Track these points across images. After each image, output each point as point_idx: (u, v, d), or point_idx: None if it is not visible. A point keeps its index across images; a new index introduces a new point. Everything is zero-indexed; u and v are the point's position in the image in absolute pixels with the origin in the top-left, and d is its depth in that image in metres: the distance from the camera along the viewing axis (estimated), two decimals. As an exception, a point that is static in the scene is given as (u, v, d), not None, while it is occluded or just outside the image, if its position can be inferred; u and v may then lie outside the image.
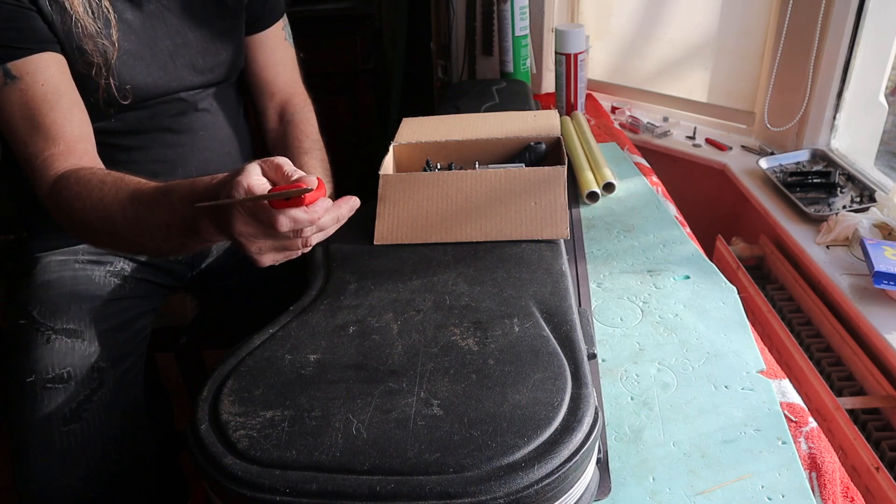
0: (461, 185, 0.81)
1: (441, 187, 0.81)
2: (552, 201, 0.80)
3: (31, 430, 0.79)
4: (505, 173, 0.83)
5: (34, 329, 0.83)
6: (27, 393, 0.79)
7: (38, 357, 0.81)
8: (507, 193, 0.81)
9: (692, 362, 0.69)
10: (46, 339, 0.82)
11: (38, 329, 0.83)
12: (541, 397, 0.53)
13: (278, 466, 0.48)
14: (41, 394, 0.79)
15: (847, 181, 1.27)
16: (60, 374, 0.80)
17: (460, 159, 0.94)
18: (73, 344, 0.83)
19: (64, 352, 0.82)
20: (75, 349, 0.83)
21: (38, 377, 0.80)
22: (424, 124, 1.01)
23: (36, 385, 0.79)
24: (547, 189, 0.81)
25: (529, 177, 0.83)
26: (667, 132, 1.56)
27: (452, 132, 0.96)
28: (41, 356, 0.81)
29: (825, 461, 0.58)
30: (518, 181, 0.82)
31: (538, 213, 0.79)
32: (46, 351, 0.81)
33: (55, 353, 0.81)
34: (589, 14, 1.67)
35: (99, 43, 0.80)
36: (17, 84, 0.75)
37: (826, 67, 1.28)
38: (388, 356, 0.59)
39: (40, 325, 0.83)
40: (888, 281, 0.95)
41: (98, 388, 0.82)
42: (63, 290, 0.87)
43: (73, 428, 0.79)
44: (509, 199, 0.80)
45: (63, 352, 0.82)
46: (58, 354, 0.81)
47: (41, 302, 0.85)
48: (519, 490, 0.46)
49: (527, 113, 1.03)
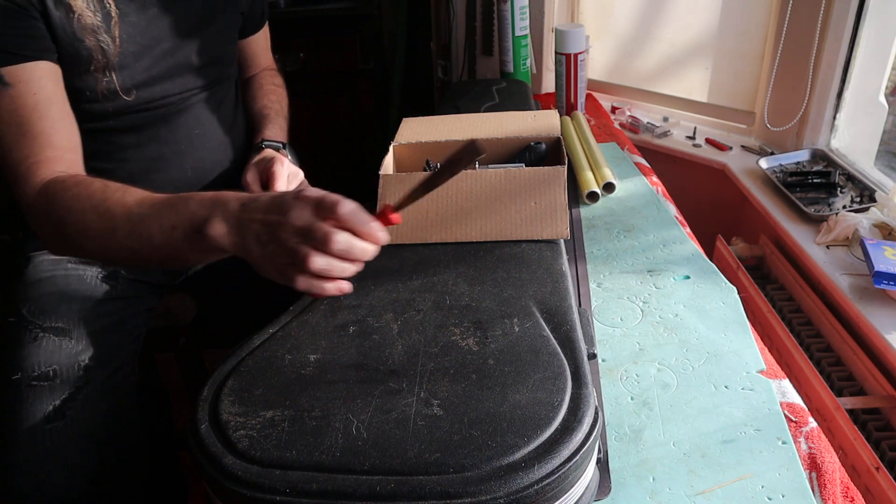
0: (461, 185, 0.81)
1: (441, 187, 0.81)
2: (552, 201, 0.79)
3: (16, 426, 0.78)
4: (505, 173, 0.83)
5: (23, 327, 0.83)
6: (13, 390, 0.79)
7: (26, 355, 0.81)
8: (506, 193, 0.81)
9: (692, 362, 0.69)
10: (34, 336, 0.82)
11: (26, 327, 0.83)
12: (541, 397, 0.53)
13: (278, 466, 0.48)
14: (26, 391, 0.79)
15: (847, 181, 1.27)
16: (46, 372, 0.80)
17: None
18: (60, 342, 0.83)
19: (51, 350, 0.82)
20: (62, 347, 0.82)
21: (24, 375, 0.80)
22: (424, 124, 1.01)
23: (21, 382, 0.79)
24: (547, 189, 0.81)
25: (529, 177, 0.82)
26: (667, 132, 1.56)
27: (452, 132, 0.96)
28: (28, 354, 0.81)
29: (825, 461, 0.58)
30: (518, 181, 0.82)
31: (538, 212, 0.79)
32: (34, 349, 0.81)
33: (42, 350, 0.81)
34: (589, 14, 1.67)
35: (100, 38, 0.80)
36: (8, 91, 0.75)
37: (826, 67, 1.28)
38: (388, 356, 0.59)
39: (29, 322, 0.83)
40: (888, 281, 0.95)
41: (84, 387, 0.82)
42: (54, 290, 0.87)
43: (56, 426, 0.79)
44: (509, 199, 0.80)
45: (50, 350, 0.82)
46: (44, 352, 0.81)
47: (31, 300, 0.85)
48: (519, 490, 0.46)
49: (527, 113, 1.03)
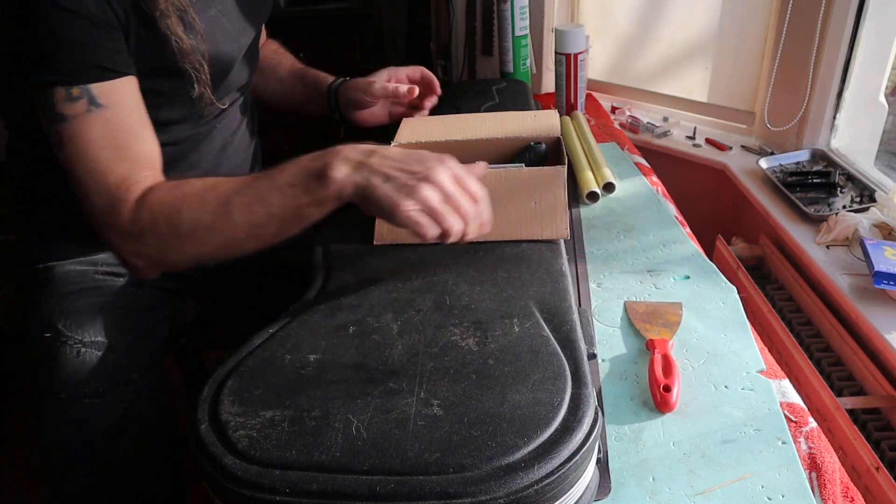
0: None
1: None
2: (552, 201, 0.79)
3: (71, 445, 0.77)
4: (505, 173, 0.83)
5: (62, 343, 0.80)
6: (62, 409, 0.78)
7: (71, 372, 0.78)
8: (506, 193, 0.80)
9: (692, 362, 0.69)
10: (76, 353, 0.80)
11: (66, 342, 0.80)
12: (541, 397, 0.53)
13: (278, 466, 0.48)
14: (78, 409, 0.77)
15: (847, 181, 1.27)
16: (96, 389, 0.78)
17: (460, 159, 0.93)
18: (104, 357, 0.81)
19: (95, 365, 0.80)
20: (106, 362, 0.81)
21: (72, 393, 0.78)
22: (424, 124, 1.00)
23: (71, 401, 0.78)
24: (547, 189, 0.81)
25: (529, 177, 0.82)
26: (667, 132, 1.56)
27: (452, 132, 0.96)
28: (74, 371, 0.79)
29: (825, 461, 0.58)
30: (518, 181, 0.82)
31: (538, 213, 0.79)
32: (78, 365, 0.79)
33: (86, 366, 0.79)
34: (589, 14, 1.67)
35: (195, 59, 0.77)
36: (102, 113, 0.68)
37: (826, 67, 1.28)
38: (388, 356, 0.59)
39: (67, 338, 0.80)
40: (888, 281, 0.95)
41: (135, 402, 0.81)
42: (88, 302, 0.84)
43: (115, 443, 0.78)
44: (509, 200, 0.80)
45: (94, 365, 0.80)
46: (89, 368, 0.79)
47: (67, 314, 0.82)
48: (519, 490, 0.46)
49: (526, 113, 1.03)
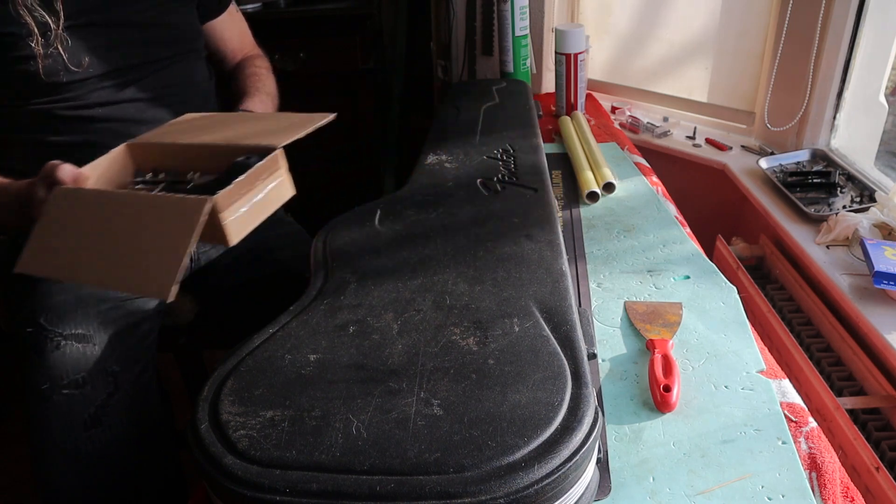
0: (107, 211, 0.67)
1: (96, 211, 0.67)
2: (170, 246, 0.60)
3: (53, 436, 0.78)
4: (137, 198, 0.68)
5: (43, 336, 0.82)
6: (43, 400, 0.79)
7: (51, 364, 0.81)
8: (138, 228, 0.65)
9: (692, 362, 0.69)
10: (56, 345, 0.82)
11: (47, 336, 0.82)
12: (541, 397, 0.53)
13: (278, 466, 0.48)
14: (58, 400, 0.79)
15: (847, 181, 1.27)
16: (75, 380, 0.80)
17: (194, 165, 0.76)
18: (84, 349, 0.82)
19: (76, 357, 0.82)
20: (87, 354, 0.82)
21: (53, 384, 0.80)
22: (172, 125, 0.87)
23: (52, 392, 0.79)
24: (168, 230, 0.62)
25: (157, 207, 0.65)
26: (667, 132, 1.56)
27: (185, 135, 0.81)
28: (54, 363, 0.81)
29: (825, 461, 0.58)
30: (147, 214, 0.65)
31: (144, 259, 0.62)
32: (58, 357, 0.81)
33: (67, 359, 0.81)
34: (589, 14, 1.67)
35: (36, 14, 0.80)
36: None
37: (826, 67, 1.28)
38: (388, 356, 0.59)
39: (49, 332, 0.83)
40: (888, 281, 0.95)
41: (115, 392, 0.82)
42: (68, 296, 0.86)
43: (94, 433, 0.79)
44: (132, 237, 0.65)
45: (75, 357, 0.81)
46: (70, 360, 0.81)
47: (47, 309, 0.85)
48: (519, 490, 0.46)
49: (287, 116, 0.86)
